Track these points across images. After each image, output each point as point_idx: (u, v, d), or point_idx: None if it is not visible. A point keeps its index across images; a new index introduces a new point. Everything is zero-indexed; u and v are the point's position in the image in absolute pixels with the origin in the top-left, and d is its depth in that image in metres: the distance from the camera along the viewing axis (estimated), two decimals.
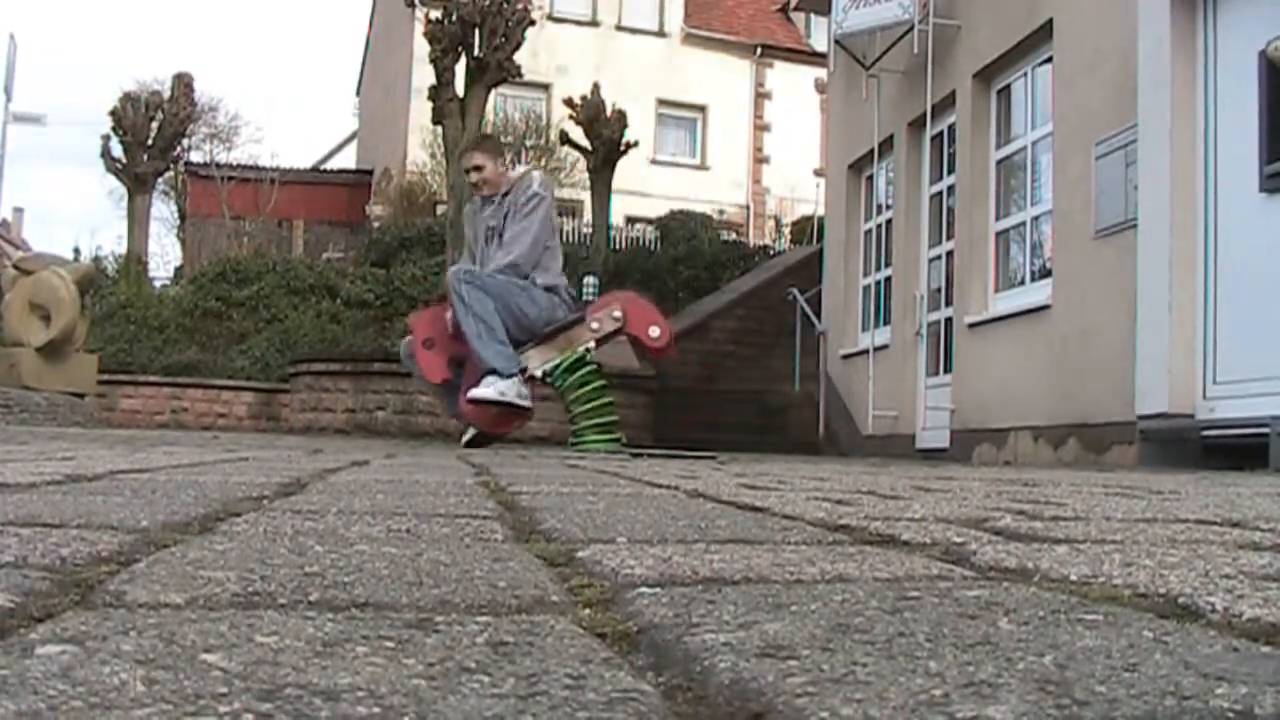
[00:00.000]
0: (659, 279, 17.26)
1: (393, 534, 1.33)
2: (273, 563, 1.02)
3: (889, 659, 0.66)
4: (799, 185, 26.15)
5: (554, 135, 20.93)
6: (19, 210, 47.33)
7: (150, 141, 20.28)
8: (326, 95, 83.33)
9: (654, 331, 6.55)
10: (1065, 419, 7.52)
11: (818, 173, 21.45)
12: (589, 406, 6.54)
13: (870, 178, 11.62)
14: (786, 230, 25.28)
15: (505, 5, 13.75)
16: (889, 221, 10.92)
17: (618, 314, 6.50)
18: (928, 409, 9.67)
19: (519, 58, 14.09)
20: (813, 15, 21.20)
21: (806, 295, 12.88)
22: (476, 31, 13.72)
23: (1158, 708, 0.55)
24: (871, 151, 10.78)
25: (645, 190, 25.62)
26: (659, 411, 11.56)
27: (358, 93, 36.04)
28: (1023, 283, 8.70)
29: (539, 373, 6.38)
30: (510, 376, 6.10)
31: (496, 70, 13.84)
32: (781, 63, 29.70)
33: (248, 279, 17.21)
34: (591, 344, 6.50)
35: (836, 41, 10.79)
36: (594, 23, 28.54)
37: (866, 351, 10.53)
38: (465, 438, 6.64)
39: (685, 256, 18.34)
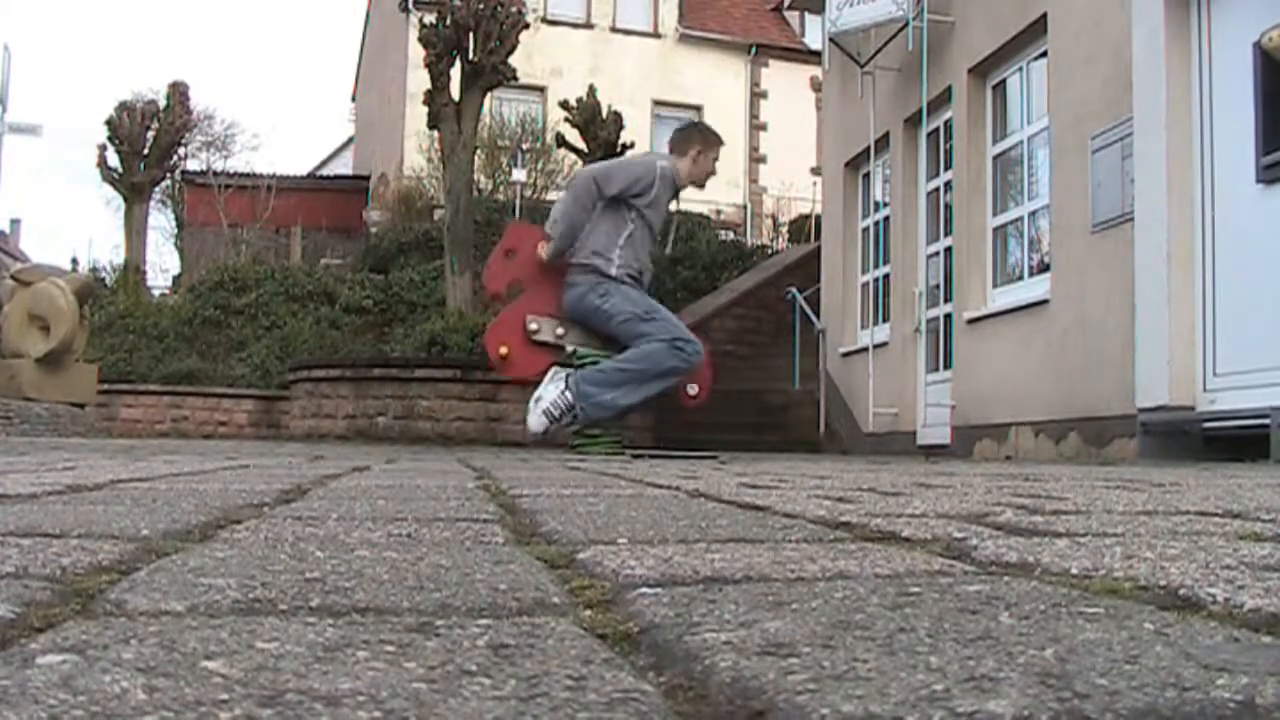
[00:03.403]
0: (657, 279, 17.22)
1: (393, 539, 1.33)
2: (273, 569, 1.02)
3: (890, 655, 0.66)
4: (796, 184, 26.14)
5: (550, 138, 20.91)
6: (16, 222, 47.49)
7: (146, 151, 20.28)
8: (322, 102, 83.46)
9: (692, 389, 6.50)
10: (1066, 413, 7.52)
11: (814, 171, 21.46)
12: None
13: (867, 175, 11.62)
14: (784, 229, 25.25)
15: (499, 9, 13.74)
16: (886, 219, 10.91)
17: None
18: (928, 405, 9.67)
19: (514, 61, 14.08)
20: (807, 14, 21.21)
21: (805, 294, 12.88)
22: (471, 35, 13.71)
23: (1159, 699, 0.55)
24: (868, 149, 10.78)
25: None
26: (659, 412, 11.53)
27: (354, 99, 36.06)
28: (1021, 278, 8.69)
29: (569, 347, 6.34)
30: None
31: (491, 74, 13.84)
32: (776, 62, 29.71)
33: (246, 287, 17.22)
34: None
35: (831, 40, 10.79)
36: (588, 25, 28.55)
37: (866, 349, 10.52)
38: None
39: (683, 257, 18.33)
